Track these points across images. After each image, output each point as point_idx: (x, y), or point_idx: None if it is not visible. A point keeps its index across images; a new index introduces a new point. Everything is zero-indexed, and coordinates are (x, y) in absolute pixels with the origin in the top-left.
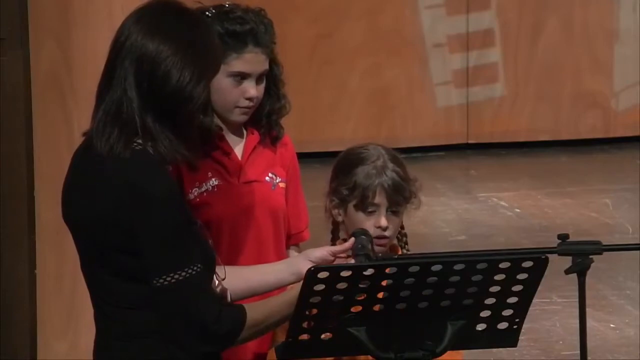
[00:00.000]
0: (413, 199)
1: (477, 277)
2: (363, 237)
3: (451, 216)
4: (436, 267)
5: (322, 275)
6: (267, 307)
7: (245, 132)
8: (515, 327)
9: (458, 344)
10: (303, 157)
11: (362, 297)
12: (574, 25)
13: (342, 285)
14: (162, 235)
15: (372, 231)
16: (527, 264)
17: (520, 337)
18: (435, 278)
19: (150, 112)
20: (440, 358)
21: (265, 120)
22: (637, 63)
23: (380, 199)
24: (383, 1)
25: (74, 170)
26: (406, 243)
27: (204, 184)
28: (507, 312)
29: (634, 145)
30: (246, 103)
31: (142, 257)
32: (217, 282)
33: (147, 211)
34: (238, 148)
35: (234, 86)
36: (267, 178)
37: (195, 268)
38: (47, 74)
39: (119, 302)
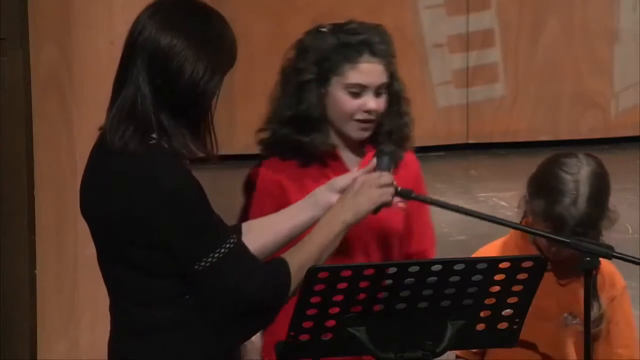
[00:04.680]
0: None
1: (477, 277)
2: (385, 157)
3: (451, 216)
4: (436, 267)
5: (322, 275)
6: (303, 246)
7: (365, 151)
8: (515, 327)
9: (458, 344)
10: None
11: (362, 297)
12: (574, 25)
13: (342, 285)
14: (187, 222)
15: None
16: (527, 264)
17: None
18: (435, 278)
19: (164, 108)
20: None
21: (385, 139)
22: (637, 63)
23: None
24: (383, 1)
25: (91, 166)
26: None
27: None
28: (507, 312)
29: (634, 145)
30: (365, 116)
31: (167, 249)
32: None
33: (167, 203)
34: (356, 167)
35: (352, 99)
36: None
37: (231, 241)
38: (47, 74)
39: (135, 299)
